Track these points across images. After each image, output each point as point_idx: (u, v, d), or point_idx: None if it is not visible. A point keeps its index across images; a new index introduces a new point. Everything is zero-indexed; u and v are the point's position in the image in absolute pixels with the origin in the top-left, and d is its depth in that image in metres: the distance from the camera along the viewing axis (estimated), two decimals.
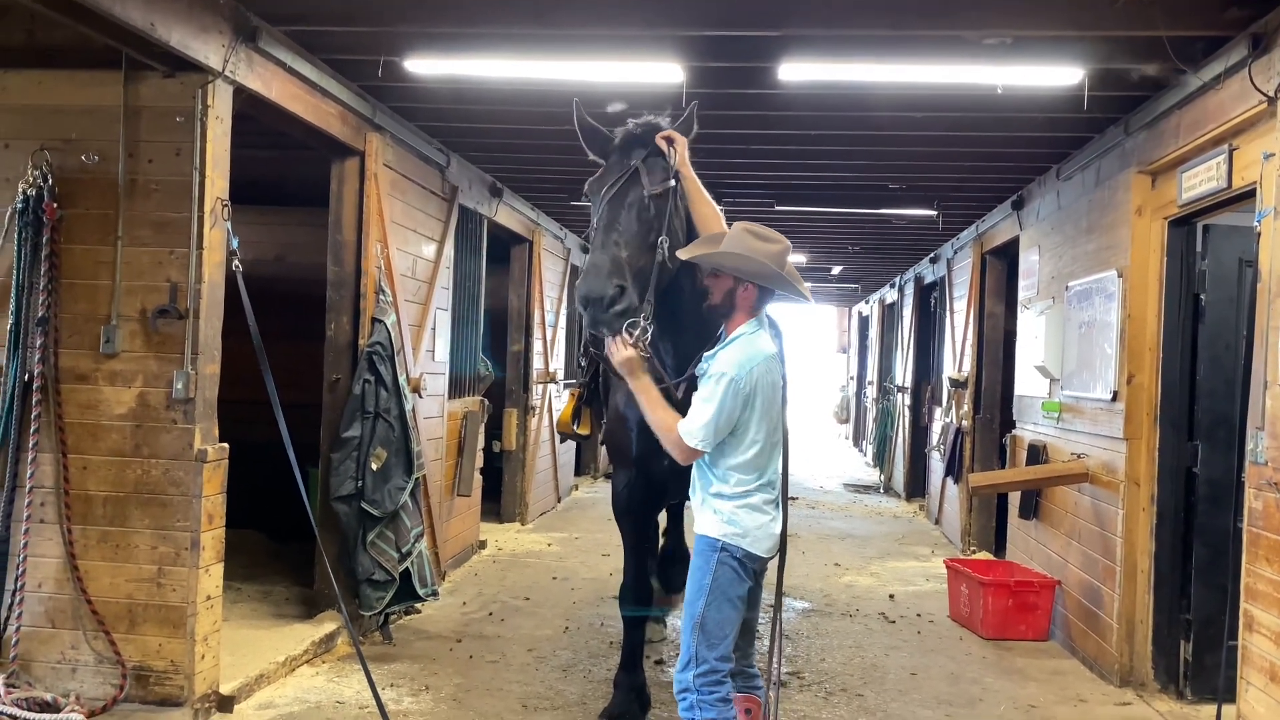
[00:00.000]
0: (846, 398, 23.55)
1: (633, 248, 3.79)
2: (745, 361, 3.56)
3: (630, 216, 3.84)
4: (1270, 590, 4.07)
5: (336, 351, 6.20)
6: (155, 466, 4.59)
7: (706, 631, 3.57)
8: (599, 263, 3.74)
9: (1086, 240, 6.49)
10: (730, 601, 3.61)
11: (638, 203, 3.86)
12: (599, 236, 3.85)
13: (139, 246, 4.61)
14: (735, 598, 3.63)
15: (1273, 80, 4.19)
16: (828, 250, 13.17)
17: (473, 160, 8.03)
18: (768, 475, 3.69)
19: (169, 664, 4.55)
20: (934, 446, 11.40)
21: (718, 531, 3.64)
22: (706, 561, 3.64)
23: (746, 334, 3.66)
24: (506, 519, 10.13)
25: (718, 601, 3.59)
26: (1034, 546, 7.38)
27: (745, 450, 3.61)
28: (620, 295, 3.68)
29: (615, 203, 3.88)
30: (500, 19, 4.80)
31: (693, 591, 3.65)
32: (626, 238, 3.80)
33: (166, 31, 4.16)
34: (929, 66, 5.08)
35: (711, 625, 3.58)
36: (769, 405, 3.63)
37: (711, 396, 3.54)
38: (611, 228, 3.82)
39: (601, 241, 3.81)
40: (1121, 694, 5.57)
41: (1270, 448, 4.09)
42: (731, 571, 3.62)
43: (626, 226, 3.82)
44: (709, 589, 3.59)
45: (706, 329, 4.00)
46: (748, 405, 3.56)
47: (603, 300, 3.66)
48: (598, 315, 3.70)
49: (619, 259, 3.74)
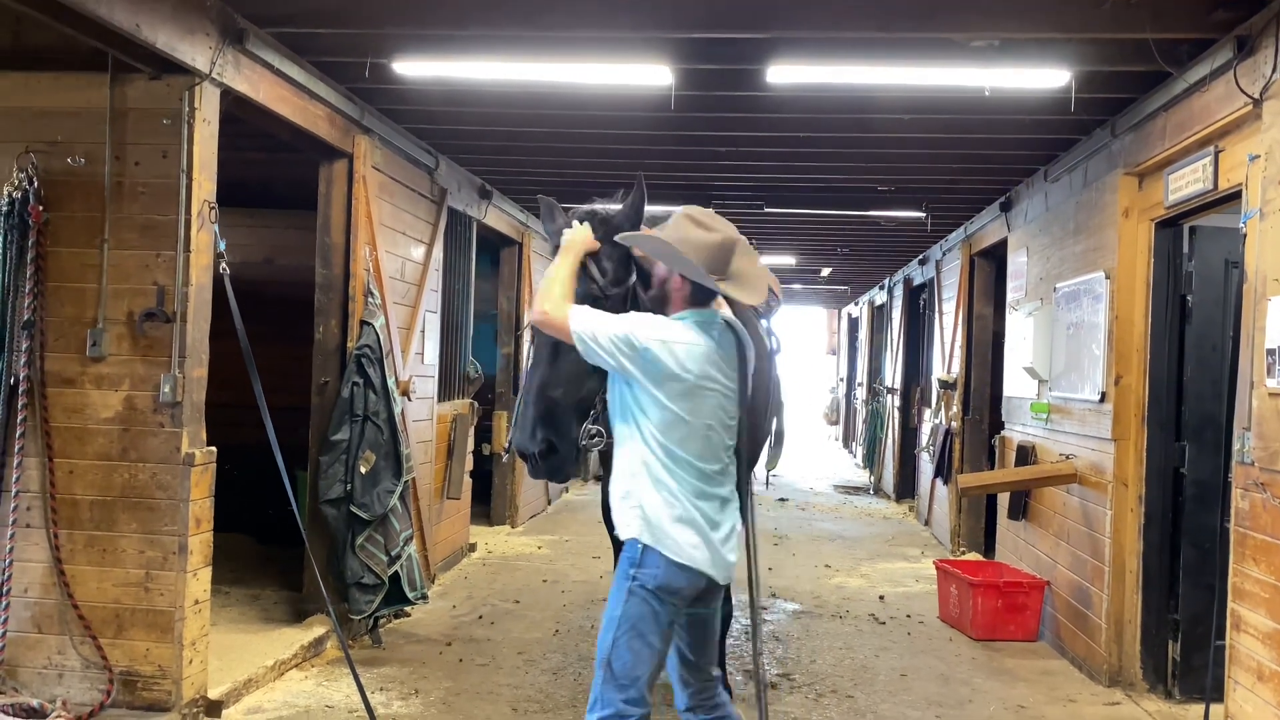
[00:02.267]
0: (836, 399, 23.61)
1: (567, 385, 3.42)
2: (662, 329, 3.19)
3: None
4: (1257, 590, 4.09)
5: (325, 354, 6.18)
6: (142, 470, 4.56)
7: (613, 672, 3.13)
8: (524, 415, 3.43)
9: (1074, 242, 6.52)
10: (643, 639, 3.13)
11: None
12: (529, 375, 3.51)
13: (126, 249, 4.58)
14: (649, 636, 3.14)
15: (1258, 82, 4.21)
16: (817, 252, 13.20)
17: (462, 162, 8.02)
18: (712, 485, 3.27)
19: (156, 669, 4.52)
20: (923, 448, 11.42)
21: (635, 531, 3.22)
22: (619, 585, 3.20)
23: (679, 318, 3.31)
24: (496, 522, 10.11)
25: (627, 638, 3.13)
26: (1023, 547, 7.40)
27: (672, 428, 3.19)
28: (548, 451, 3.40)
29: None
30: (489, 21, 4.79)
31: (605, 618, 3.21)
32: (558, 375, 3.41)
33: (153, 33, 4.14)
34: (917, 69, 5.09)
35: (619, 666, 3.12)
36: (704, 403, 3.21)
37: (612, 320, 3.21)
38: (538, 363, 3.45)
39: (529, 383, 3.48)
40: (1110, 694, 5.59)
41: (1257, 448, 4.11)
42: (642, 604, 3.15)
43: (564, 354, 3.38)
44: (618, 621, 3.15)
45: None
46: (657, 378, 3.16)
47: (532, 456, 3.42)
48: (532, 468, 3.49)
49: (550, 407, 3.40)
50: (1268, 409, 4.03)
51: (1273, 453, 3.98)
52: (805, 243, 12.37)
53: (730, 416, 3.32)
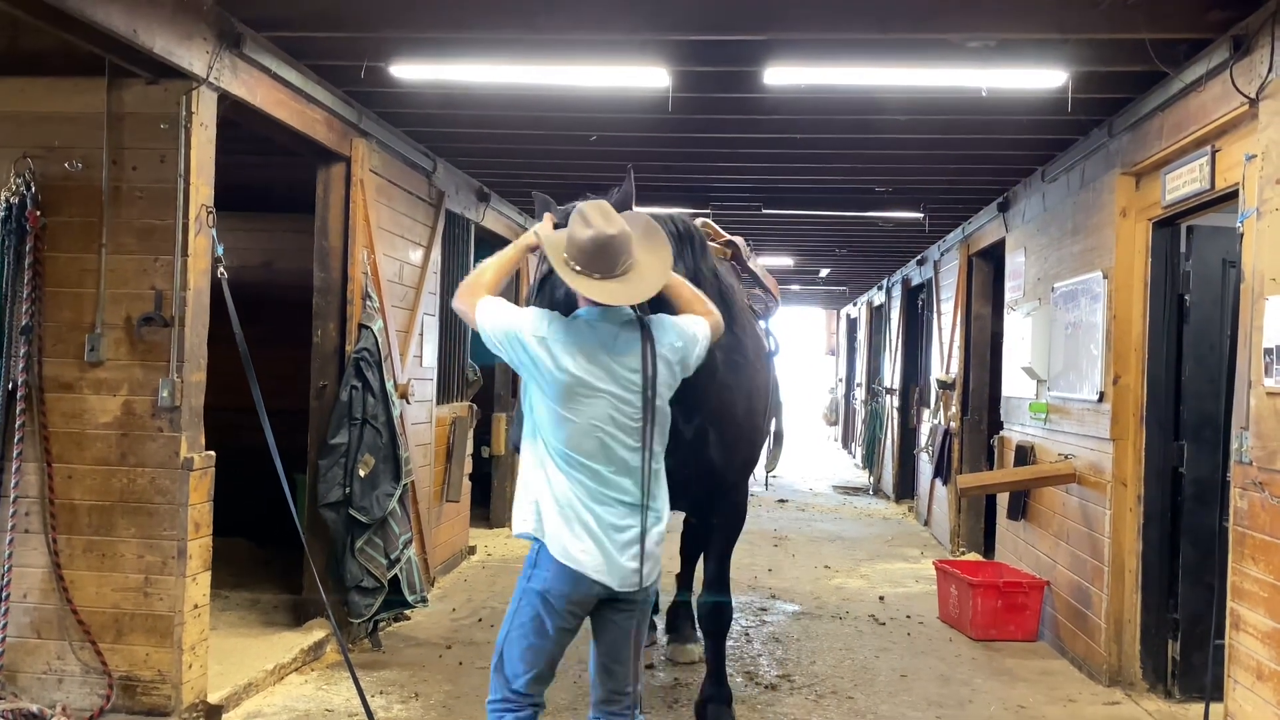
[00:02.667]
0: (835, 400, 23.61)
1: None
2: (543, 326, 3.19)
3: None
4: (1256, 589, 4.09)
5: (323, 358, 6.18)
6: (141, 475, 4.56)
7: (502, 665, 3.32)
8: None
9: (1072, 242, 6.52)
10: (528, 641, 3.26)
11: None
12: None
13: (123, 254, 4.58)
14: (534, 639, 3.25)
15: (1254, 82, 4.22)
16: (815, 253, 13.21)
17: (460, 165, 8.02)
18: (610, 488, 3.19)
19: (156, 673, 4.52)
20: (922, 448, 11.43)
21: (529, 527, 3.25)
22: (519, 584, 3.31)
23: (577, 314, 3.31)
24: (496, 524, 10.11)
25: (516, 636, 3.29)
26: (1022, 547, 7.40)
27: (559, 426, 3.17)
28: None
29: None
30: (487, 24, 4.80)
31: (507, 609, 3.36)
32: None
33: (150, 38, 4.14)
34: (914, 70, 5.10)
35: (507, 663, 3.31)
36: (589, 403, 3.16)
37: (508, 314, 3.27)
38: None
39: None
40: (1110, 693, 5.59)
41: (1255, 447, 4.11)
42: (530, 608, 3.24)
43: None
44: (508, 621, 3.32)
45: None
46: (535, 375, 3.19)
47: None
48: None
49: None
50: (1265, 408, 4.03)
51: (1271, 452, 3.98)
52: (803, 244, 12.38)
53: (632, 418, 3.21)
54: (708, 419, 4.36)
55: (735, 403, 4.49)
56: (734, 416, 4.48)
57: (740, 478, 4.75)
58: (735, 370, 4.45)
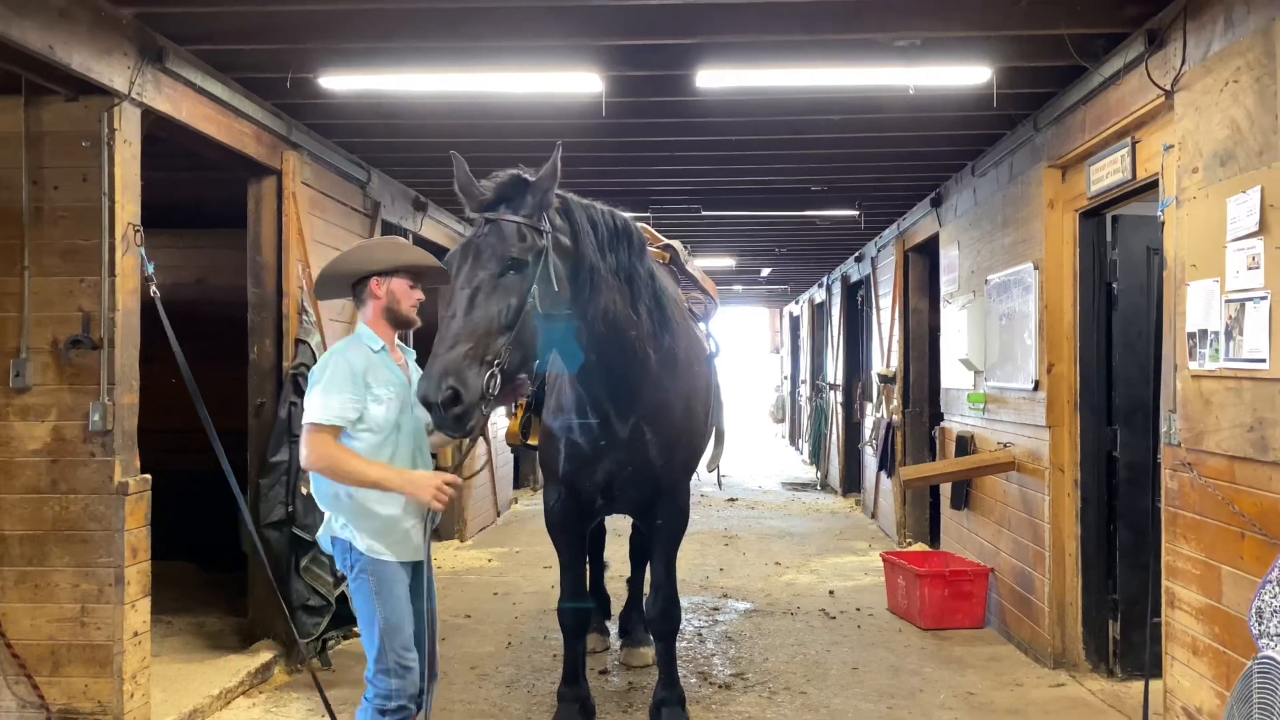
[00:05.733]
0: (781, 397, 23.80)
1: (480, 333, 3.43)
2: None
3: (483, 293, 3.49)
4: (1189, 567, 4.20)
5: (261, 375, 6.08)
6: (74, 502, 4.45)
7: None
8: (431, 365, 3.39)
9: (1003, 234, 6.65)
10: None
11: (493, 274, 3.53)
12: (443, 325, 3.47)
13: (48, 276, 4.46)
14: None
15: (1169, 74, 4.34)
16: (756, 253, 13.31)
17: (395, 175, 7.94)
18: None
19: (96, 705, 4.41)
20: (866, 442, 11.57)
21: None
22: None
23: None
24: (445, 536, 10.01)
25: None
26: (967, 536, 7.52)
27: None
28: (453, 400, 3.33)
29: (469, 277, 3.54)
30: (414, 33, 4.76)
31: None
32: (473, 324, 3.44)
33: (67, 54, 4.05)
34: (843, 70, 5.17)
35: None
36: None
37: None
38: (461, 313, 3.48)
39: (444, 334, 3.45)
40: (1055, 675, 5.70)
41: (1183, 429, 4.22)
42: None
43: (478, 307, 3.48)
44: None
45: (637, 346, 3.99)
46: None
47: (436, 405, 3.35)
48: (437, 419, 3.41)
49: (457, 358, 3.37)
50: (1191, 391, 4.15)
51: (1198, 433, 4.10)
52: (744, 244, 12.47)
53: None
54: (645, 420, 4.38)
55: (672, 404, 4.51)
56: (671, 418, 4.50)
57: (681, 478, 4.76)
58: (672, 372, 4.46)
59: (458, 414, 3.35)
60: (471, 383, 3.36)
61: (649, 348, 4.27)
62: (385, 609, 3.53)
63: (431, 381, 3.35)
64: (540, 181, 3.74)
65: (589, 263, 3.92)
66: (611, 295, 4.04)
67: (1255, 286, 3.66)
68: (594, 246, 3.95)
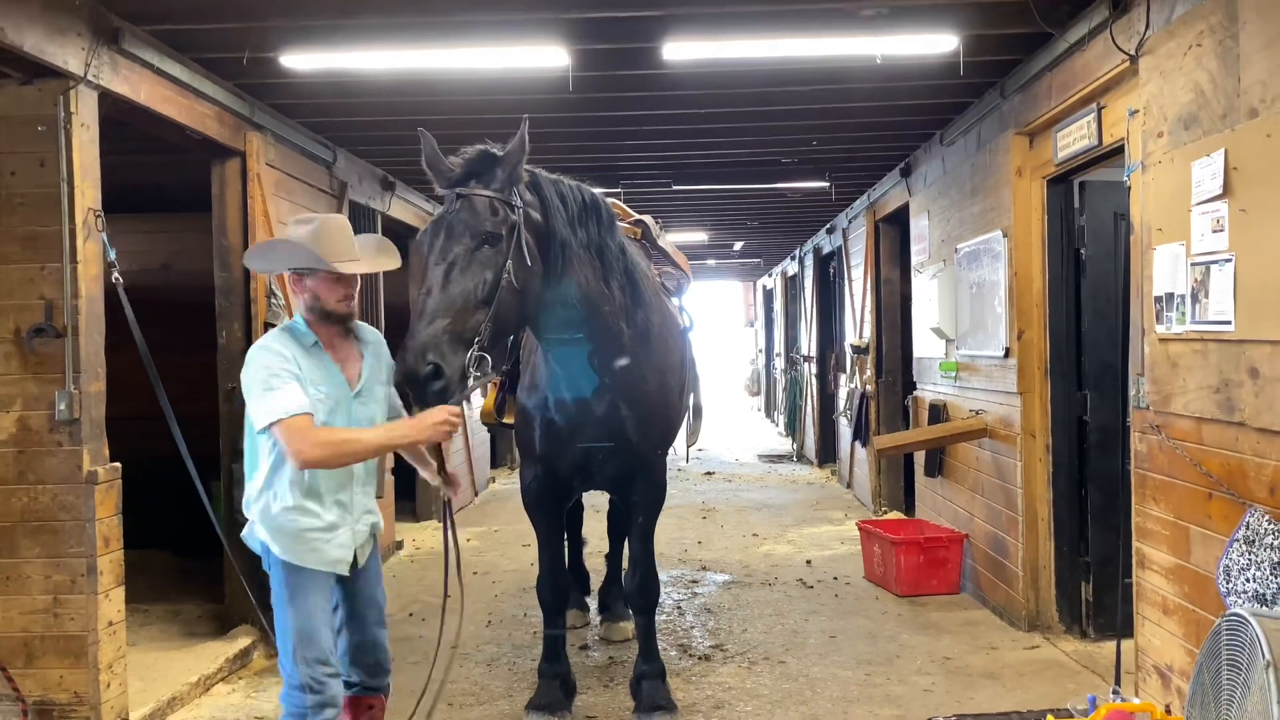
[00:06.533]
0: (756, 370, 23.90)
1: (458, 308, 3.40)
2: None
3: (458, 269, 3.46)
4: (1159, 528, 4.26)
5: (230, 360, 6.00)
6: (43, 492, 4.39)
7: None
8: (411, 340, 3.35)
9: (972, 203, 6.68)
10: None
11: (468, 249, 3.49)
12: (419, 301, 3.42)
13: (7, 264, 4.38)
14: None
15: (1133, 39, 4.35)
16: (728, 227, 13.29)
17: (361, 154, 7.85)
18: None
19: (73, 696, 4.37)
20: (841, 412, 11.64)
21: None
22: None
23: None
24: (423, 517, 10.00)
25: None
26: (941, 503, 7.60)
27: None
28: (434, 375, 3.30)
29: (443, 252, 3.50)
30: (376, 8, 4.69)
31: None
32: (450, 299, 3.40)
33: (18, 36, 3.95)
34: (810, 40, 5.14)
35: None
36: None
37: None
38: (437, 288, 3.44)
39: (420, 310, 3.40)
40: (1030, 638, 5.78)
41: (1150, 392, 4.27)
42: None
43: (454, 282, 3.44)
44: None
45: (610, 316, 3.97)
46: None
47: (417, 380, 3.31)
48: (416, 395, 3.35)
49: (436, 333, 3.34)
50: (1158, 354, 4.19)
51: (1165, 396, 4.14)
52: (716, 218, 12.44)
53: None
54: (620, 397, 4.37)
55: (647, 379, 4.50)
56: (646, 393, 4.50)
57: (657, 454, 4.77)
58: (646, 347, 4.46)
59: (438, 390, 3.32)
60: (451, 358, 3.33)
61: (622, 323, 4.26)
62: (298, 617, 3.39)
63: (412, 356, 3.30)
64: (509, 156, 3.72)
65: (560, 237, 3.89)
66: (584, 270, 4.02)
67: (1220, 249, 3.70)
68: (564, 221, 3.92)
